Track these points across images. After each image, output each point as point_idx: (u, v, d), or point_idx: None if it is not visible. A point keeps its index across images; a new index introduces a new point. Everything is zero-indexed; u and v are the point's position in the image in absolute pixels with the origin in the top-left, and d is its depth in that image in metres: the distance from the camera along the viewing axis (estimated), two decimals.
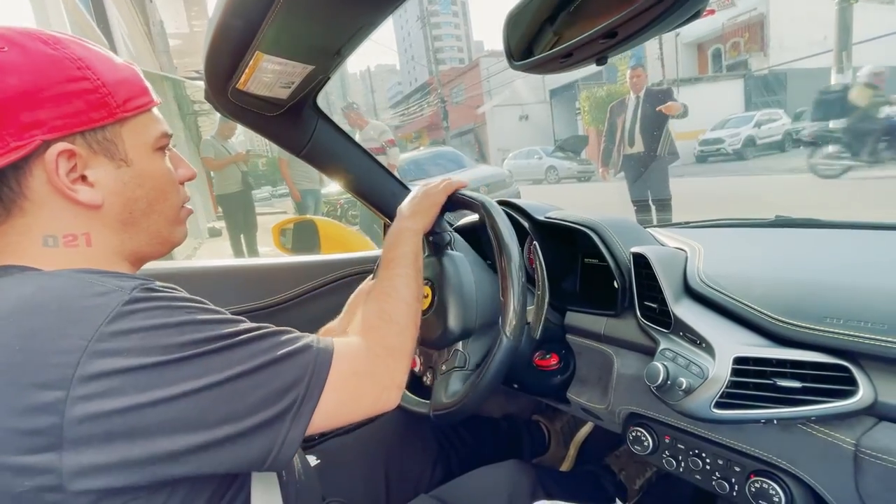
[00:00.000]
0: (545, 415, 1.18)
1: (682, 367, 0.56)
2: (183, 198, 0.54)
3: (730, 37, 15.79)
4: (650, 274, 0.67)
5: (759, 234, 0.87)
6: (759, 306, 0.57)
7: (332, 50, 0.62)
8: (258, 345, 0.42)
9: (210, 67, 0.66)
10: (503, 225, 0.67)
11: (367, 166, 1.03)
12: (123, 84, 0.45)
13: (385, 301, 0.60)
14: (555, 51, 0.42)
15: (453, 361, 0.70)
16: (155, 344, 0.37)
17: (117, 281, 0.40)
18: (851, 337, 0.50)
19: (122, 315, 0.36)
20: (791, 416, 0.50)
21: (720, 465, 0.60)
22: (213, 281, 1.11)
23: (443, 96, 19.08)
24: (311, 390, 0.44)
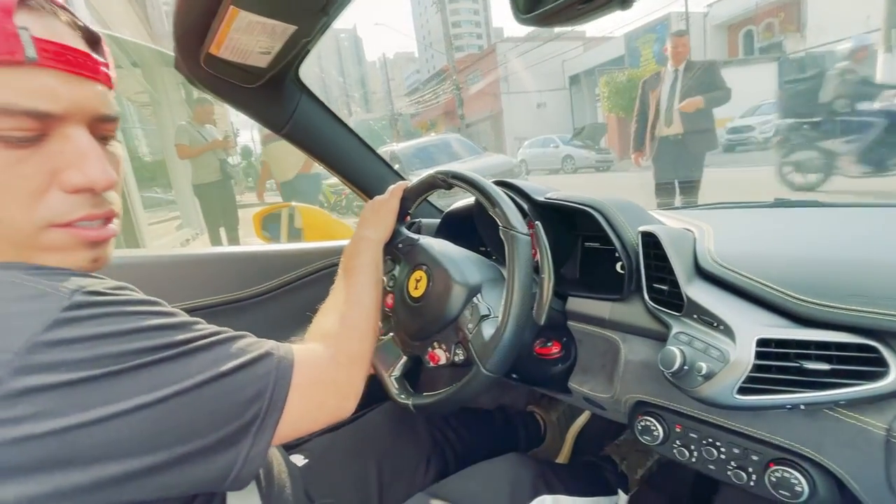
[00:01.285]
0: (541, 405, 1.15)
1: (699, 351, 0.52)
2: (52, 216, 0.36)
3: (763, 17, 15.10)
4: (659, 254, 0.63)
5: (762, 215, 0.84)
6: (779, 285, 0.54)
7: (316, 7, 0.56)
8: (217, 351, 0.38)
9: (180, 26, 0.60)
10: (506, 206, 0.63)
11: (354, 147, 0.97)
12: None
13: (347, 308, 0.60)
14: None
15: (477, 315, 0.66)
16: (100, 354, 0.31)
17: (54, 281, 0.33)
18: (879, 315, 0.47)
19: (61, 323, 0.31)
20: (819, 401, 0.46)
21: (736, 455, 0.57)
22: (187, 271, 1.04)
23: (458, 83, 18.70)
24: (275, 401, 0.40)
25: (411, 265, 0.75)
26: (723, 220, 0.78)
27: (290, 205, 1.37)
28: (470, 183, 0.68)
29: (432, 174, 0.74)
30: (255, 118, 0.82)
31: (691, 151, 3.05)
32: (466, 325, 0.67)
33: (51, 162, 0.36)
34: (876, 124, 3.98)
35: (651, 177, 3.28)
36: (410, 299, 0.73)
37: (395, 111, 31.65)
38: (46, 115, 0.34)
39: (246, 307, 1.02)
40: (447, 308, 0.69)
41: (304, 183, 3.75)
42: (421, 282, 0.72)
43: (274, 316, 1.04)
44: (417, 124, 33.22)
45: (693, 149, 3.05)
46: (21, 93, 0.33)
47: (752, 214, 0.84)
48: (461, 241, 0.93)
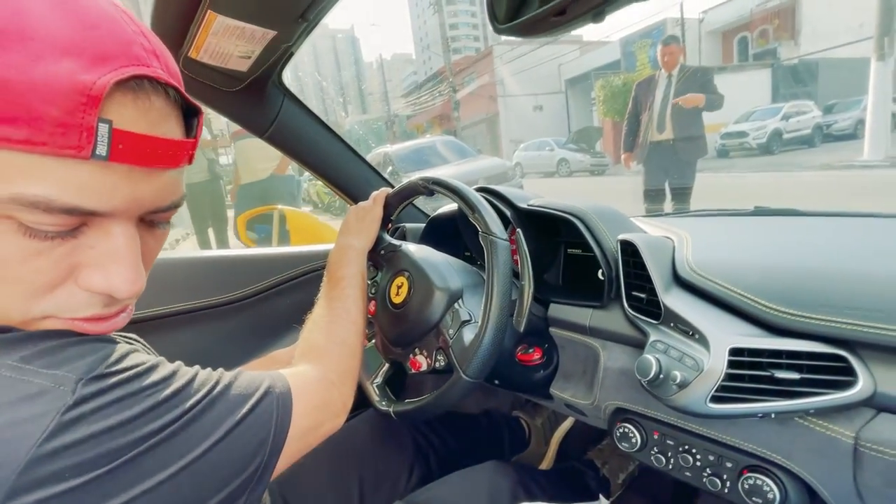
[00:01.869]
0: (525, 410, 1.15)
1: (675, 359, 0.53)
2: (55, 310, 0.32)
3: (758, 24, 15.20)
4: (638, 262, 0.64)
5: (741, 223, 0.85)
6: (753, 294, 0.54)
7: (295, 13, 0.55)
8: (219, 408, 0.36)
9: (157, 29, 0.59)
10: (486, 212, 0.63)
11: (338, 151, 0.96)
12: None
13: (337, 323, 0.59)
14: (546, 8, 0.37)
15: (458, 320, 0.66)
16: (107, 449, 0.29)
17: (53, 370, 0.29)
18: (848, 325, 0.48)
19: (65, 426, 0.27)
20: (790, 410, 0.47)
21: (711, 462, 0.57)
22: (170, 274, 1.03)
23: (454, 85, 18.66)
24: (276, 443, 0.39)
25: (393, 271, 0.75)
26: (702, 228, 0.79)
27: (278, 207, 1.36)
28: (451, 189, 0.68)
29: (414, 180, 0.74)
30: (237, 121, 0.82)
31: (682, 158, 3.06)
32: (447, 331, 0.67)
33: (76, 256, 0.31)
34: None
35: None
36: (392, 305, 0.73)
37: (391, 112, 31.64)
38: (91, 213, 0.29)
39: (230, 311, 1.02)
40: (428, 314, 0.68)
41: (278, 185, 3.43)
42: (402, 288, 0.72)
43: (259, 320, 1.04)
44: (413, 126, 33.24)
45: (684, 155, 3.06)
46: (68, 188, 0.28)
47: (732, 223, 0.85)
48: (446, 246, 0.93)
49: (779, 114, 11.02)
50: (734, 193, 5.99)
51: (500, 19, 0.45)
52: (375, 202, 0.77)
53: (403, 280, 0.73)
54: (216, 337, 0.98)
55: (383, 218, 0.78)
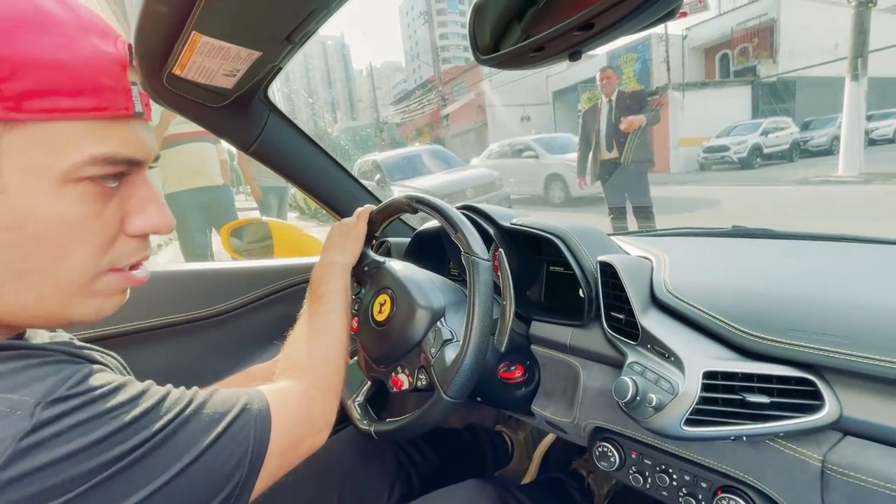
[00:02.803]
0: (508, 425, 1.15)
1: (651, 382, 0.54)
2: (115, 260, 0.36)
3: (738, 42, 15.59)
4: (617, 283, 0.65)
5: (718, 244, 0.88)
6: (726, 318, 0.56)
7: (280, 35, 0.56)
8: (191, 427, 0.35)
9: (141, 46, 0.59)
10: (468, 232, 0.64)
11: (323, 166, 0.96)
12: (38, 68, 0.29)
13: (319, 339, 0.59)
14: (525, 44, 0.39)
15: (440, 339, 0.66)
16: (71, 475, 0.28)
17: (9, 395, 0.28)
18: (815, 350, 0.49)
19: (21, 454, 0.26)
20: (760, 433, 0.48)
21: (687, 482, 0.58)
22: (151, 287, 1.01)
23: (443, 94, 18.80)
24: (255, 461, 0.38)
25: (376, 288, 0.75)
26: (680, 249, 0.80)
27: (261, 219, 1.35)
28: (433, 208, 0.69)
29: (399, 198, 0.75)
30: (222, 136, 0.82)
31: (633, 172, 3.40)
32: (429, 350, 0.67)
33: (123, 208, 0.36)
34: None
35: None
36: (375, 323, 0.73)
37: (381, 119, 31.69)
38: (137, 162, 0.36)
39: (211, 325, 1.00)
40: (411, 332, 0.69)
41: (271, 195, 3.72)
42: (385, 305, 0.72)
43: (240, 335, 1.02)
44: (403, 133, 33.34)
45: (635, 169, 3.40)
46: (123, 143, 0.34)
47: (710, 243, 0.87)
48: (430, 261, 0.93)
49: (758, 129, 11.38)
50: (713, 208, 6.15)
51: (482, 50, 0.46)
52: (359, 219, 0.78)
53: (386, 297, 0.73)
54: (196, 351, 0.97)
55: (367, 234, 0.78)
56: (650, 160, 3.56)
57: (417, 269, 0.76)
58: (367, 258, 0.78)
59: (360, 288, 0.79)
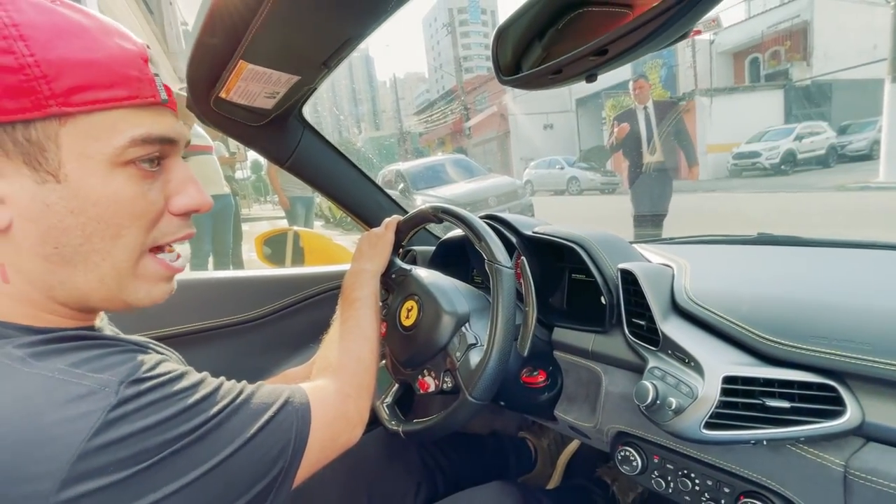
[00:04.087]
0: (532, 431, 1.16)
1: (671, 386, 0.55)
2: (160, 237, 0.41)
3: (769, 45, 15.24)
4: (638, 290, 0.67)
5: (742, 251, 0.88)
6: (747, 324, 0.57)
7: (317, 61, 0.61)
8: (242, 415, 0.39)
9: (192, 74, 0.65)
10: (491, 241, 0.67)
11: (353, 178, 1.01)
12: (77, 67, 0.34)
13: (352, 340, 0.63)
14: (544, 67, 0.42)
15: (465, 344, 0.69)
16: (145, 447, 0.32)
17: (98, 374, 0.33)
18: (837, 356, 0.50)
19: (109, 424, 0.31)
20: (780, 437, 0.49)
21: (710, 487, 0.59)
22: (188, 295, 1.08)
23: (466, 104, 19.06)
24: (297, 449, 0.42)
25: (403, 295, 0.78)
26: (703, 256, 0.81)
27: (293, 229, 1.41)
28: (458, 218, 0.72)
29: (425, 209, 0.79)
30: (260, 152, 0.88)
31: (664, 178, 3.48)
32: (455, 353, 0.70)
33: (166, 189, 0.41)
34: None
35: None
36: (402, 328, 0.76)
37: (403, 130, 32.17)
38: (170, 140, 0.40)
39: (249, 329, 1.06)
40: (437, 336, 0.72)
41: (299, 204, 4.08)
42: (412, 311, 0.76)
43: (276, 338, 1.08)
44: (425, 143, 33.74)
45: (661, 177, 3.48)
46: (156, 125, 0.38)
47: (733, 251, 0.88)
48: (454, 268, 0.96)
49: (792, 134, 10.99)
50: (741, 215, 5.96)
51: (504, 72, 0.50)
52: (387, 229, 0.82)
53: (413, 304, 0.76)
54: (236, 354, 1.02)
55: (394, 243, 0.82)
56: (676, 167, 3.63)
57: (442, 276, 0.79)
58: (395, 266, 0.82)
59: (387, 294, 0.83)
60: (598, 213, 7.07)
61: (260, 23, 0.50)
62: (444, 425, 0.67)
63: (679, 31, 0.34)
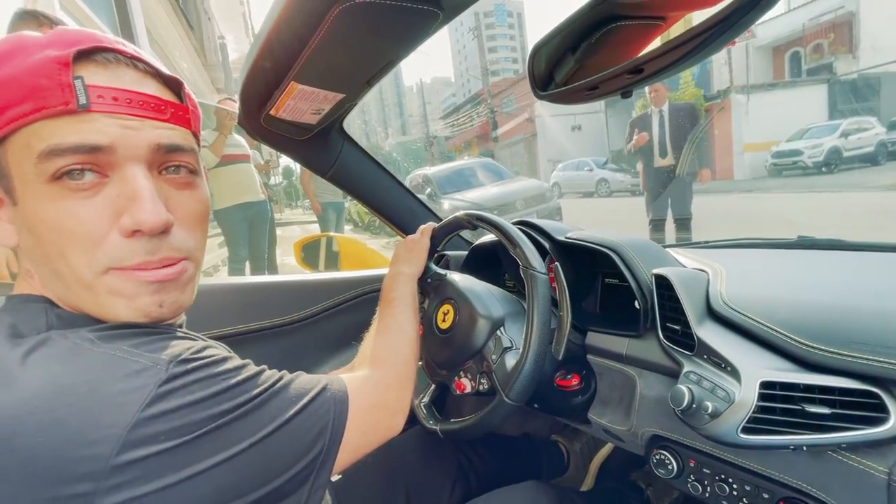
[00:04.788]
0: (564, 435, 1.17)
1: (707, 390, 0.56)
2: (112, 261, 0.38)
3: (811, 38, 14.52)
4: (672, 296, 0.67)
5: (781, 256, 0.87)
6: (785, 330, 0.57)
7: (362, 80, 0.65)
8: (282, 397, 0.42)
9: (246, 94, 0.70)
10: (526, 247, 0.69)
11: (388, 186, 1.06)
12: (3, 86, 0.34)
13: (390, 336, 0.66)
14: (580, 83, 0.44)
15: (500, 347, 0.72)
16: (192, 420, 0.35)
17: (152, 353, 0.36)
18: (881, 363, 0.49)
19: (160, 397, 0.34)
20: (821, 443, 0.49)
21: (747, 492, 0.59)
22: (232, 299, 1.14)
23: (492, 107, 19.10)
24: (335, 434, 0.44)
25: (439, 299, 0.81)
26: (739, 261, 0.81)
27: (329, 234, 1.47)
28: (493, 225, 0.75)
29: (459, 215, 0.82)
30: (304, 164, 0.93)
31: (680, 182, 3.53)
32: (490, 356, 0.72)
33: (111, 206, 0.37)
34: None
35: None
36: (438, 331, 0.79)
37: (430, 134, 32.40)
38: (92, 148, 0.35)
39: (290, 331, 1.12)
40: (473, 340, 0.74)
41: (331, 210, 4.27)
42: (448, 315, 0.79)
43: (315, 340, 1.13)
44: (452, 147, 33.89)
45: (680, 180, 3.53)
46: (69, 133, 0.35)
47: (772, 255, 0.87)
48: (486, 273, 0.99)
49: (837, 131, 10.37)
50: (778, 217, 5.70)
51: (540, 86, 0.52)
52: (423, 235, 0.85)
53: (449, 307, 0.79)
54: (275, 356, 1.08)
55: (430, 249, 0.85)
56: (695, 171, 3.65)
57: (477, 280, 0.82)
58: (430, 271, 0.85)
59: (423, 298, 0.86)
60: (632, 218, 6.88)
61: (312, 49, 0.54)
62: (480, 425, 0.70)
63: (715, 51, 0.36)
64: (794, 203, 7.15)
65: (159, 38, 5.94)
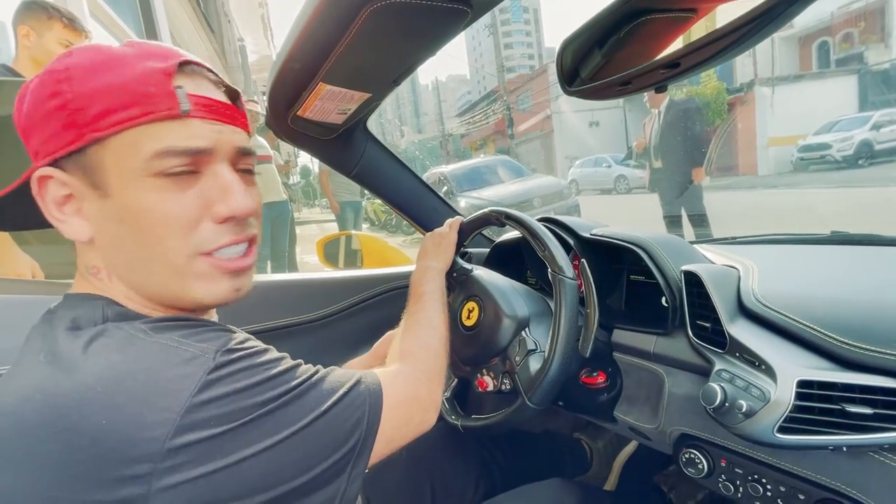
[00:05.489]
0: (587, 432, 1.16)
1: (740, 389, 0.55)
2: (203, 243, 0.42)
3: (841, 27, 13.99)
4: (702, 293, 0.66)
5: (814, 251, 0.84)
6: (823, 328, 0.55)
7: (389, 79, 0.65)
8: (319, 389, 0.43)
9: (274, 95, 0.71)
10: (556, 250, 0.69)
11: (410, 184, 1.06)
12: (103, 94, 0.38)
13: (421, 330, 0.66)
14: (613, 78, 0.44)
15: (524, 349, 0.72)
16: (238, 407, 0.37)
17: (200, 343, 0.39)
18: None
19: (209, 384, 0.36)
20: (862, 444, 0.48)
21: (782, 493, 0.58)
22: (260, 296, 1.16)
23: (509, 104, 18.96)
24: (371, 425, 0.45)
25: (465, 295, 0.82)
26: (771, 257, 0.79)
27: (350, 233, 1.49)
28: (522, 224, 0.74)
29: (488, 212, 0.82)
30: (329, 163, 0.94)
31: (679, 181, 3.51)
32: (514, 357, 0.72)
33: (204, 197, 0.42)
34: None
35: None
36: (463, 327, 0.80)
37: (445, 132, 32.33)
38: (198, 151, 0.41)
39: (315, 328, 1.13)
40: (497, 339, 0.75)
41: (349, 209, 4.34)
42: (473, 312, 0.79)
43: (339, 337, 1.14)
44: (467, 144, 33.82)
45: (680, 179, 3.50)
46: (180, 137, 0.40)
47: (803, 250, 0.84)
48: (508, 269, 0.99)
49: (868, 123, 9.87)
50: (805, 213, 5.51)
51: (569, 83, 0.52)
52: (451, 228, 0.85)
53: (474, 305, 0.79)
54: (302, 351, 1.09)
55: (457, 244, 0.86)
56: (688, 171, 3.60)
57: (503, 278, 0.82)
58: (456, 265, 0.85)
59: (448, 293, 0.87)
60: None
61: (342, 50, 0.55)
62: (502, 424, 0.70)
63: (755, 44, 0.35)
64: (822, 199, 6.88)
65: (182, 42, 6.08)
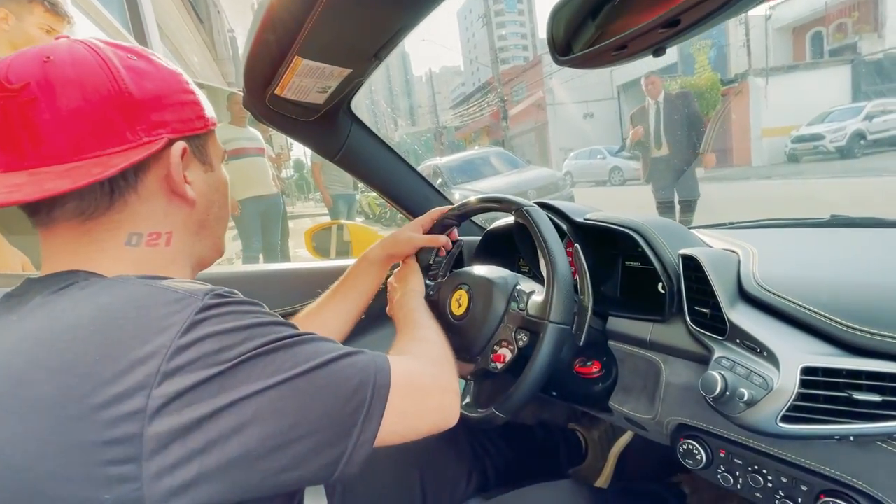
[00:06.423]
0: (581, 423, 1.14)
1: (741, 376, 0.52)
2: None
3: (834, 18, 13.94)
4: (700, 277, 0.63)
5: (815, 235, 0.82)
6: (827, 312, 0.53)
7: (369, 53, 0.62)
8: (317, 345, 0.42)
9: (249, 73, 0.67)
10: (545, 228, 0.66)
11: (400, 170, 1.02)
12: (206, 102, 0.52)
13: (418, 335, 0.65)
14: (607, 43, 0.40)
15: (523, 297, 0.72)
16: (226, 346, 0.37)
17: (189, 285, 0.40)
18: None
19: (196, 323, 0.37)
20: (871, 433, 0.45)
21: (784, 484, 0.56)
22: (250, 286, 1.13)
23: (502, 95, 18.84)
24: (379, 389, 0.43)
25: (451, 286, 0.79)
26: (770, 241, 0.76)
27: (340, 222, 1.45)
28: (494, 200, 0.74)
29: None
30: (311, 147, 0.90)
31: (681, 168, 3.66)
32: (517, 308, 0.72)
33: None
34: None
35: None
36: (454, 318, 0.76)
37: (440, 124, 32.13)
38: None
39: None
40: (493, 309, 0.72)
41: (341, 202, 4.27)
42: (462, 298, 0.76)
43: None
44: (461, 136, 33.65)
45: (683, 166, 3.65)
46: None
47: (804, 234, 0.82)
48: (501, 258, 0.96)
49: (860, 113, 9.90)
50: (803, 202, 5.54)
51: (560, 52, 0.48)
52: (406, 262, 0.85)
53: (462, 293, 0.76)
54: None
55: (445, 227, 0.85)
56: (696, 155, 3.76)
57: (486, 265, 0.80)
58: (433, 262, 0.85)
59: (435, 290, 0.84)
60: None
61: (315, 18, 0.51)
62: (539, 368, 0.63)
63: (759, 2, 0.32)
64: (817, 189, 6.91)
65: (170, 33, 5.95)
